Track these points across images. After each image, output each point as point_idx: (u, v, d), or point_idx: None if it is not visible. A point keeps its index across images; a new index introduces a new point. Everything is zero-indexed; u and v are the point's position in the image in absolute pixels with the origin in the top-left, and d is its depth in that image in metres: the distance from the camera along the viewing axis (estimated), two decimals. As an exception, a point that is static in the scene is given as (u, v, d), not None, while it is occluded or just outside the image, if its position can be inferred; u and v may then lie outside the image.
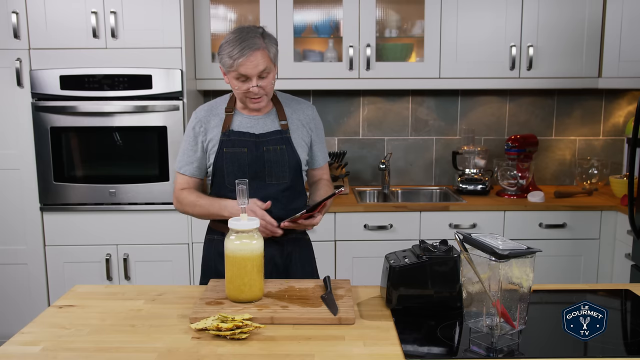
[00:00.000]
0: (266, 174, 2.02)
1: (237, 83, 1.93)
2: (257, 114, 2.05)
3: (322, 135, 2.17)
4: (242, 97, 1.98)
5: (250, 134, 2.02)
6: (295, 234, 2.09)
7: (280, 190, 2.03)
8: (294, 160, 2.05)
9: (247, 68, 1.88)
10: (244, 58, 1.87)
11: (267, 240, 1.99)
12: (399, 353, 1.38)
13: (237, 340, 1.45)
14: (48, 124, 3.07)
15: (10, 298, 3.22)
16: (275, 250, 2.04)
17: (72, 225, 3.15)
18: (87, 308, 1.68)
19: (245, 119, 2.05)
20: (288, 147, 2.04)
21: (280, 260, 2.06)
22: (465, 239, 1.45)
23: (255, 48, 1.88)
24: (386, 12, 3.45)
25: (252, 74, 1.90)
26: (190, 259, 3.19)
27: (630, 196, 2.78)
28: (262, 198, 1.97)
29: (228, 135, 2.02)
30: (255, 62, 1.88)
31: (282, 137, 2.04)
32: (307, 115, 2.12)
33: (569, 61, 3.33)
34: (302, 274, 2.08)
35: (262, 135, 2.03)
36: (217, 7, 3.44)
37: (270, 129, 2.05)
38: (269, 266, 2.00)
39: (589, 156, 3.71)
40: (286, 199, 2.05)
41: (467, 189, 3.42)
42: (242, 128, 2.03)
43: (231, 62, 1.88)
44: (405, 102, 3.68)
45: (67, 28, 3.03)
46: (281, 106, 2.09)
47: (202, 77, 3.33)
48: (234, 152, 2.00)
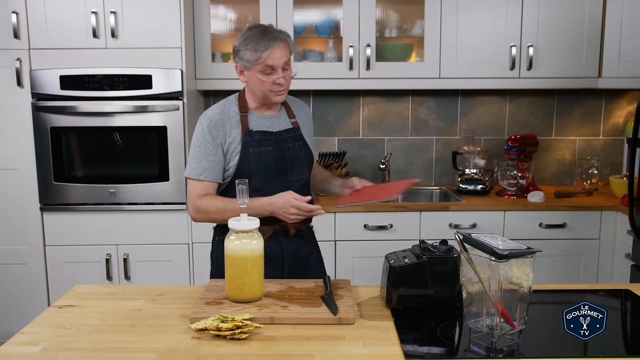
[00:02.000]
0: (289, 171, 2.07)
1: (262, 77, 1.95)
2: (270, 113, 2.09)
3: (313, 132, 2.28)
4: (266, 92, 1.99)
5: (271, 133, 2.05)
6: (306, 225, 2.15)
7: (301, 185, 2.10)
8: (309, 156, 2.13)
9: (273, 59, 1.92)
10: (271, 49, 1.91)
11: (292, 236, 2.06)
12: (399, 353, 1.38)
13: (237, 340, 1.45)
14: (48, 124, 3.07)
15: (11, 298, 3.22)
16: (298, 244, 2.09)
17: (72, 225, 3.15)
18: (87, 308, 1.68)
19: (261, 119, 2.06)
20: (303, 144, 2.11)
21: (304, 253, 2.12)
22: (465, 239, 1.45)
23: (279, 39, 1.94)
24: (386, 12, 3.45)
25: (278, 64, 1.94)
26: (190, 259, 3.19)
27: (630, 196, 2.78)
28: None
29: (250, 135, 2.01)
30: (280, 53, 1.94)
31: (296, 134, 2.11)
32: (307, 114, 2.22)
33: (568, 61, 3.33)
34: (319, 266, 2.17)
35: (280, 133, 2.07)
36: (217, 7, 3.44)
37: (284, 127, 2.09)
38: (292, 262, 2.07)
39: (589, 156, 3.71)
40: (306, 193, 2.09)
41: (467, 189, 3.42)
42: (261, 127, 2.05)
43: (258, 54, 1.91)
44: (405, 102, 3.68)
45: (67, 28, 3.03)
46: (288, 105, 2.15)
47: (202, 77, 3.33)
48: (260, 152, 2.01)
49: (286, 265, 2.06)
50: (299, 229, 2.09)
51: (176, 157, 3.11)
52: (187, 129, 3.11)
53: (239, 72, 2.01)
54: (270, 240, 2.03)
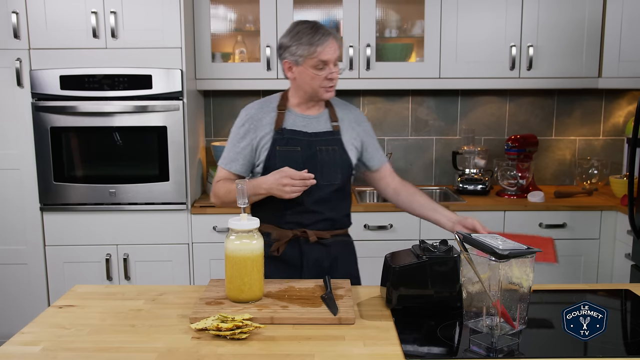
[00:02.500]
0: (318, 174, 1.98)
1: (314, 72, 1.94)
2: (311, 113, 2.05)
3: (374, 136, 2.17)
4: (317, 87, 1.97)
5: (304, 133, 2.01)
6: (340, 237, 2.09)
7: (331, 191, 2.02)
8: (346, 162, 2.04)
9: (327, 53, 1.92)
10: (326, 43, 1.91)
11: (313, 243, 2.00)
12: (399, 353, 1.38)
13: (237, 340, 1.45)
14: (48, 124, 3.07)
15: (10, 298, 3.22)
16: (321, 252, 2.03)
17: (72, 225, 3.15)
18: (87, 308, 1.68)
19: (299, 118, 2.03)
20: (339, 149, 2.03)
21: (326, 263, 2.04)
22: (465, 239, 1.45)
23: (332, 35, 1.95)
24: (386, 12, 3.45)
25: (331, 59, 1.93)
26: (190, 259, 3.19)
27: (630, 196, 2.78)
28: (314, 199, 1.99)
29: (281, 133, 2.00)
30: (334, 47, 1.94)
31: (334, 138, 2.04)
32: (356, 118, 2.12)
33: (568, 61, 3.33)
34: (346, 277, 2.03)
35: (315, 135, 2.02)
36: (217, 7, 3.44)
37: (322, 129, 2.04)
38: (313, 270, 2.00)
39: (589, 156, 3.71)
40: (335, 200, 2.05)
41: (467, 189, 3.41)
42: (296, 127, 2.02)
43: (313, 48, 1.91)
44: (405, 102, 3.68)
45: (67, 28, 3.03)
46: (332, 107, 2.09)
47: (202, 77, 3.33)
48: (287, 151, 1.99)
49: (305, 272, 2.01)
50: (321, 237, 2.02)
51: (176, 157, 3.11)
52: (187, 129, 3.11)
53: (287, 68, 1.99)
54: (290, 245, 2.01)
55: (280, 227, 2.02)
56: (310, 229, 2.01)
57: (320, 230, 2.02)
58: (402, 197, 2.13)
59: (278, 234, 2.02)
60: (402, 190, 2.14)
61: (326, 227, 2.04)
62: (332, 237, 2.04)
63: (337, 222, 2.07)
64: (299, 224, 2.01)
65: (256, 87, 3.35)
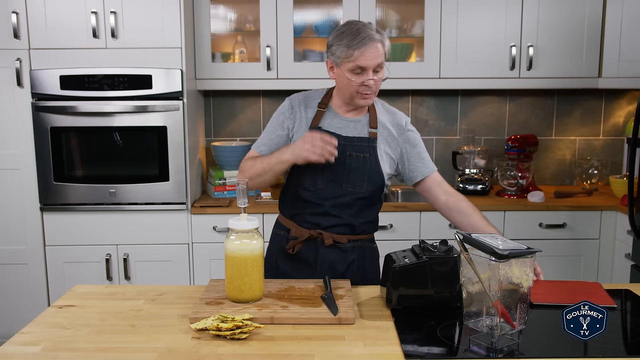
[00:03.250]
0: (344, 180, 1.94)
1: (351, 76, 1.86)
2: (351, 115, 1.98)
3: (419, 145, 2.04)
4: (353, 93, 1.89)
5: (338, 136, 1.92)
6: (361, 242, 2.03)
7: (355, 198, 1.96)
8: (376, 172, 1.96)
9: (366, 59, 1.82)
10: (365, 47, 1.81)
11: (330, 246, 1.97)
12: (399, 353, 1.38)
13: (237, 340, 1.45)
14: (48, 124, 3.07)
15: (10, 298, 3.22)
16: (336, 256, 1.99)
17: (72, 225, 3.15)
18: (87, 308, 1.68)
19: (337, 119, 1.97)
20: (372, 157, 1.95)
21: (341, 267, 2.00)
22: (465, 239, 1.45)
23: (376, 39, 1.83)
24: (386, 12, 3.45)
25: (370, 65, 1.84)
26: (190, 259, 3.19)
27: (630, 196, 2.78)
28: (335, 203, 1.95)
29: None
30: (375, 54, 1.83)
31: (368, 145, 1.96)
32: (399, 127, 2.02)
33: (568, 61, 3.33)
34: (360, 284, 1.95)
35: (349, 139, 1.95)
36: (217, 7, 3.44)
37: (358, 135, 1.96)
38: (327, 272, 1.93)
39: (589, 156, 3.71)
40: (359, 207, 1.98)
41: (467, 189, 3.41)
42: (331, 128, 1.96)
43: (351, 52, 1.82)
44: (405, 102, 3.68)
45: (67, 28, 3.03)
46: (375, 113, 2.00)
47: (202, 77, 3.33)
48: None
49: (320, 274, 1.95)
50: (337, 241, 1.98)
51: (176, 157, 3.11)
52: (187, 128, 3.11)
53: (329, 67, 1.93)
54: (306, 245, 1.99)
55: (300, 225, 2.01)
56: (328, 231, 1.98)
57: (337, 234, 1.98)
58: (454, 214, 2.00)
59: (297, 231, 2.01)
60: (454, 206, 2.00)
61: (345, 232, 1.99)
62: (349, 241, 1.99)
63: (358, 228, 2.00)
64: (316, 224, 1.98)
65: (256, 87, 3.35)
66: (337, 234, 1.98)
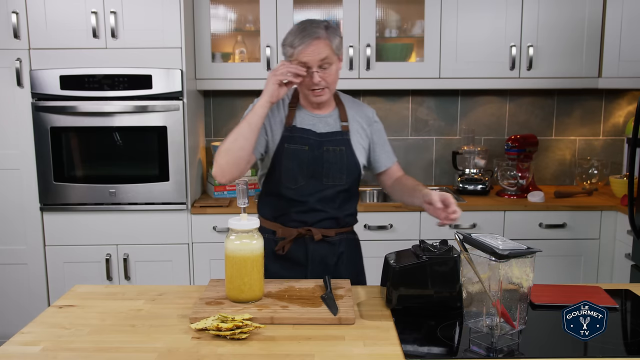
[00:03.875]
0: (323, 175, 1.99)
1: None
2: (320, 112, 2.03)
3: (384, 136, 2.13)
4: (306, 90, 1.94)
5: (313, 132, 1.99)
6: (346, 234, 2.08)
7: (337, 192, 2.01)
8: (353, 163, 2.02)
9: (306, 55, 1.86)
10: (304, 46, 1.86)
11: (319, 242, 2.00)
12: (399, 353, 1.38)
13: (237, 340, 1.45)
14: (48, 124, 3.07)
15: (10, 298, 3.22)
16: (327, 250, 2.03)
17: (72, 225, 3.15)
18: (87, 308, 1.68)
19: (308, 116, 2.02)
20: (347, 150, 2.01)
21: (332, 260, 2.04)
22: (465, 239, 1.45)
23: (316, 36, 1.87)
24: (386, 12, 3.45)
25: (312, 61, 1.87)
26: (190, 259, 3.19)
27: (630, 196, 2.78)
28: (318, 198, 1.99)
29: (291, 131, 1.99)
30: (316, 51, 1.86)
31: (342, 138, 2.01)
32: (367, 118, 2.09)
33: (568, 61, 3.33)
34: (352, 275, 2.05)
35: (324, 135, 2.00)
36: (217, 7, 3.44)
37: (331, 129, 2.02)
38: (319, 267, 2.00)
39: (589, 156, 3.71)
40: (341, 201, 2.03)
41: (467, 189, 3.41)
42: (305, 125, 2.00)
43: (292, 50, 1.88)
44: (405, 102, 3.68)
45: (67, 28, 3.03)
46: (343, 107, 2.06)
47: (202, 77, 3.33)
48: (295, 149, 1.97)
49: (311, 270, 2.01)
50: (326, 235, 2.02)
51: (176, 157, 3.11)
52: (187, 129, 3.11)
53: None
54: (295, 244, 2.01)
55: (285, 226, 2.03)
56: (316, 227, 2.00)
57: (325, 228, 2.02)
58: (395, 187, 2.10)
59: (283, 232, 2.02)
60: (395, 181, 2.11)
61: (331, 226, 2.03)
62: (337, 234, 2.04)
63: (342, 220, 2.06)
64: (303, 222, 2.01)
65: (256, 87, 3.34)
66: (324, 229, 2.02)
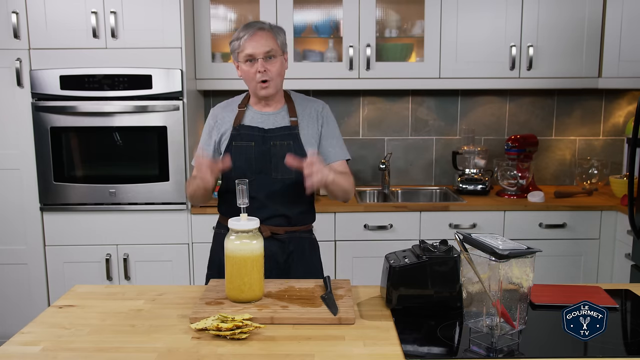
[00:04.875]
0: (272, 169, 2.04)
1: (246, 68, 2.01)
2: (269, 109, 2.10)
3: (333, 131, 2.14)
4: (254, 84, 2.02)
5: (259, 129, 2.07)
6: (299, 233, 2.11)
7: (286, 185, 2.05)
8: (301, 156, 2.03)
9: (252, 46, 1.97)
10: (250, 36, 1.97)
11: (269, 239, 2.03)
12: (399, 353, 1.38)
13: (237, 340, 1.45)
14: (48, 124, 3.07)
15: (10, 298, 3.22)
16: (276, 247, 2.06)
17: (72, 225, 3.15)
18: (87, 308, 1.68)
19: (257, 115, 2.10)
20: (295, 143, 2.06)
21: (281, 258, 2.08)
22: (465, 239, 1.45)
23: (260, 28, 2.00)
24: (386, 12, 3.45)
25: (257, 52, 1.98)
26: (190, 259, 3.19)
27: (630, 196, 2.78)
28: (267, 193, 2.04)
29: (238, 129, 2.08)
30: (261, 42, 1.98)
31: (290, 133, 2.07)
32: (317, 112, 2.14)
33: (568, 61, 3.33)
34: (304, 275, 2.07)
35: (271, 131, 2.07)
36: (217, 7, 3.44)
37: (279, 125, 2.08)
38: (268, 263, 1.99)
39: (589, 156, 3.71)
40: (291, 195, 2.07)
41: (467, 189, 3.42)
42: (253, 123, 2.08)
43: (239, 42, 1.99)
44: (405, 102, 3.68)
45: (67, 28, 3.03)
46: (293, 104, 2.13)
47: (202, 77, 3.33)
48: (241, 146, 2.05)
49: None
50: (275, 232, 2.06)
51: (176, 157, 3.11)
52: (187, 129, 3.11)
53: (236, 67, 2.08)
54: None
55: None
56: (265, 224, 2.03)
57: (275, 226, 2.06)
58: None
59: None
60: None
61: (281, 224, 2.07)
62: (286, 233, 2.08)
63: (293, 219, 2.09)
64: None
65: (256, 87, 3.34)
66: (274, 226, 2.06)
